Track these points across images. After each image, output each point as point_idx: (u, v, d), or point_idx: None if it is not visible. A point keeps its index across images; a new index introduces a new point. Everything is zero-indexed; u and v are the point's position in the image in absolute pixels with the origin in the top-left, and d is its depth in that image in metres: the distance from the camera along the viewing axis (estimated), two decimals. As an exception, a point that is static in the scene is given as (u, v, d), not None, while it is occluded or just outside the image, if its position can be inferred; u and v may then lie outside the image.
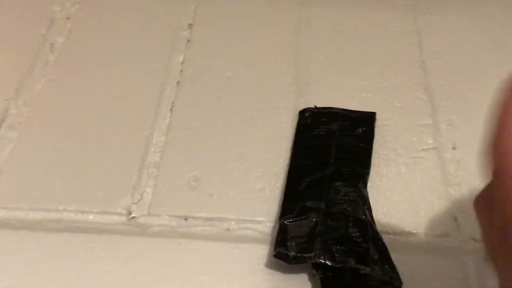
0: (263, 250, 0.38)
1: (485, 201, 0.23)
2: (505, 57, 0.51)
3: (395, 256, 0.36)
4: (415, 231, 0.39)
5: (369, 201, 0.39)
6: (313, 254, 0.35)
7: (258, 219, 0.40)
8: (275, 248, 0.36)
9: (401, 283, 0.35)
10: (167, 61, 0.51)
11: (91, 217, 0.40)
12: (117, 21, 0.55)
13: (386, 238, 0.37)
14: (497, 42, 0.53)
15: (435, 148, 0.44)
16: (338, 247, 0.35)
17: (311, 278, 0.37)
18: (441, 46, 0.52)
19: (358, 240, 0.36)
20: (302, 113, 0.46)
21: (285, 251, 0.36)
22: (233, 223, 0.40)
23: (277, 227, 0.38)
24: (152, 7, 0.56)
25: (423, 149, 0.44)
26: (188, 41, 0.53)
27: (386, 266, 0.35)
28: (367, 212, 0.38)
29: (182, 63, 0.51)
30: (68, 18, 0.55)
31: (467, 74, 0.50)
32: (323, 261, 0.35)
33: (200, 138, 0.45)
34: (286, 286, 0.37)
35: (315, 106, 0.46)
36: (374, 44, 0.53)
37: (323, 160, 0.41)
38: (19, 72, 0.50)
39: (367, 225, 0.37)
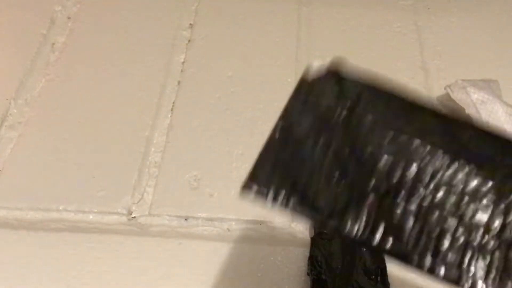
0: (263, 251, 0.38)
1: None
2: (505, 56, 0.51)
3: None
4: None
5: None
6: None
7: (258, 220, 0.40)
8: None
9: None
10: (168, 61, 0.51)
11: (91, 217, 0.40)
12: (118, 21, 0.55)
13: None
14: (498, 42, 0.53)
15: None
16: None
17: (307, 279, 0.36)
18: (441, 46, 0.52)
19: None
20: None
21: None
22: (233, 223, 0.40)
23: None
24: (153, 7, 0.56)
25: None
26: (189, 41, 0.53)
27: (380, 285, 0.35)
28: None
29: (183, 63, 0.51)
30: (69, 17, 0.55)
31: (467, 74, 0.50)
32: None
33: (201, 138, 0.45)
34: (286, 286, 0.37)
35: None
36: (374, 44, 0.53)
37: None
38: (20, 71, 0.50)
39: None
